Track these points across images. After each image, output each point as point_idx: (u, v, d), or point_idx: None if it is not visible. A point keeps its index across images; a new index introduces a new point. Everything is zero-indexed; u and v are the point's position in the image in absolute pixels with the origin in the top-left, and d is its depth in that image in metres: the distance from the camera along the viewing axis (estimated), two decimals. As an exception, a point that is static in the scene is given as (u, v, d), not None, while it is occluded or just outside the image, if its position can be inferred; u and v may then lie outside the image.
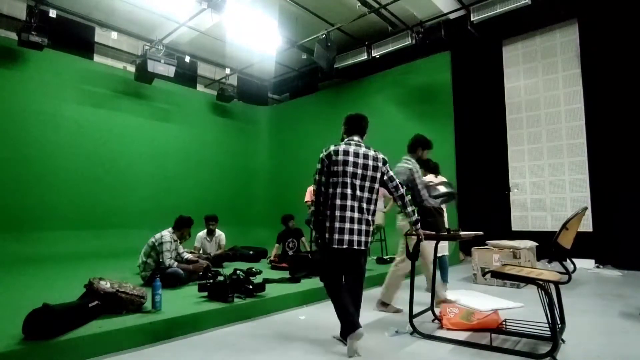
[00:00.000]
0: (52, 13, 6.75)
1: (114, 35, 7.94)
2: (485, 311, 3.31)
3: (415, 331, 2.92)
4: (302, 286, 4.22)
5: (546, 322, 2.42)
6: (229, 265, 5.98)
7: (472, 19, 6.63)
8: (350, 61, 8.32)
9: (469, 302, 3.85)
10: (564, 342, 2.66)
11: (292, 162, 10.10)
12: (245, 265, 5.12)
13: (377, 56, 7.91)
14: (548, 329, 2.44)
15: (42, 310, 2.42)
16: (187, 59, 8.61)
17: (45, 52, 6.97)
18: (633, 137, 5.94)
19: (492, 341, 2.68)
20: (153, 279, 3.28)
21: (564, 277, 2.52)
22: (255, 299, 3.56)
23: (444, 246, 4.66)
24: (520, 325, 2.86)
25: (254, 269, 3.96)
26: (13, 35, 6.85)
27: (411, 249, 3.05)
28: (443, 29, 6.80)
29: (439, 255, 4.32)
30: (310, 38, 7.70)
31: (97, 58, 8.27)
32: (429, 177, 4.67)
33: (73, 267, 6.04)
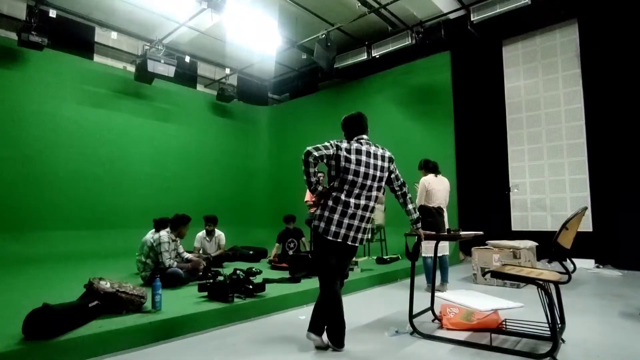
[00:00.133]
0: (52, 13, 6.75)
1: (114, 35, 7.94)
2: (485, 311, 3.31)
3: (415, 331, 2.92)
4: (302, 286, 4.22)
5: (546, 322, 2.42)
6: (229, 265, 5.98)
7: (472, 19, 6.63)
8: (350, 61, 8.32)
9: (469, 302, 3.85)
10: (564, 342, 2.66)
11: (292, 162, 10.06)
12: (245, 265, 5.13)
13: (377, 56, 7.91)
14: (548, 329, 2.44)
15: (42, 310, 2.42)
16: (187, 59, 8.61)
17: (45, 52, 6.97)
18: (633, 137, 5.94)
19: (492, 341, 2.68)
20: (153, 279, 3.28)
21: (564, 277, 2.52)
22: (255, 299, 3.56)
23: (444, 246, 4.68)
24: (520, 325, 2.86)
25: (254, 269, 3.96)
26: (13, 35, 6.85)
27: (411, 248, 3.04)
28: (443, 29, 6.80)
29: (439, 255, 4.33)
30: (310, 38, 7.70)
31: (97, 58, 8.27)
32: (429, 177, 4.67)
33: (73, 267, 6.05)
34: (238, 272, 3.70)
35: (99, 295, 2.91)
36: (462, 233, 3.31)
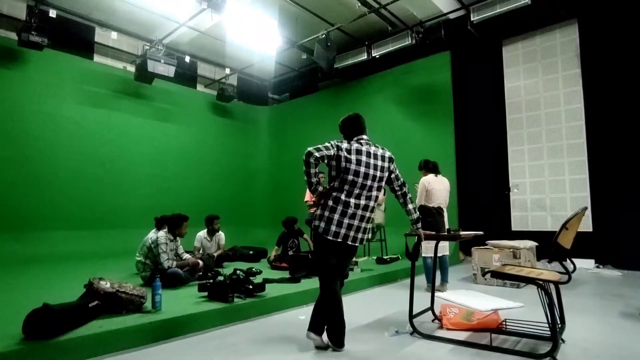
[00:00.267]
0: (52, 13, 6.75)
1: (114, 35, 7.94)
2: (485, 311, 3.31)
3: (415, 331, 2.92)
4: (302, 286, 4.22)
5: (546, 322, 2.42)
6: (229, 265, 5.98)
7: (472, 19, 6.63)
8: (350, 61, 8.32)
9: (469, 302, 3.85)
10: (564, 342, 2.66)
11: (292, 162, 10.09)
12: (245, 265, 5.13)
13: (377, 56, 7.91)
14: (548, 329, 2.44)
15: (42, 310, 2.42)
16: (187, 59, 8.61)
17: (45, 52, 6.97)
18: (633, 137, 5.94)
19: (492, 341, 2.68)
20: (153, 279, 3.28)
21: (564, 277, 2.52)
22: (255, 299, 3.56)
23: (444, 246, 4.68)
24: (520, 325, 2.86)
25: (254, 269, 3.97)
26: (13, 35, 6.85)
27: (411, 248, 3.04)
28: (443, 29, 6.80)
29: (439, 255, 4.33)
30: (310, 38, 7.70)
31: (97, 58, 8.26)
32: (429, 177, 4.68)
33: (73, 267, 6.05)
34: (238, 272, 3.70)
35: (99, 295, 2.91)
36: (462, 233, 3.31)
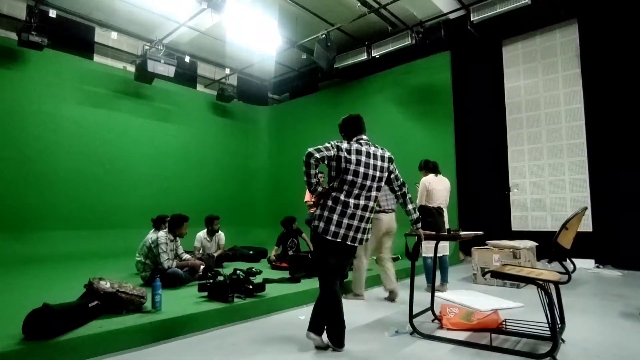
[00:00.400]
0: (52, 13, 6.75)
1: (114, 35, 7.94)
2: (486, 311, 3.31)
3: (415, 331, 2.92)
4: (302, 286, 4.22)
5: (546, 322, 2.42)
6: (229, 265, 5.98)
7: (472, 19, 6.63)
8: (350, 61, 8.32)
9: (470, 302, 3.85)
10: (564, 342, 2.66)
11: (292, 162, 10.09)
12: (245, 265, 5.13)
13: (377, 56, 7.91)
14: (548, 329, 2.44)
15: (42, 310, 2.42)
16: (187, 59, 8.61)
17: (45, 52, 6.97)
18: (633, 137, 5.94)
19: (492, 341, 2.68)
20: (153, 279, 3.28)
21: (564, 277, 2.52)
22: (255, 299, 3.56)
23: (444, 246, 4.68)
24: (520, 325, 2.86)
25: (254, 269, 3.96)
26: (13, 35, 6.85)
27: (411, 248, 3.04)
28: (443, 29, 6.80)
29: (439, 255, 4.33)
30: (310, 38, 7.70)
31: (97, 58, 8.26)
32: (429, 177, 4.67)
33: (73, 267, 6.05)
34: (238, 272, 3.70)
35: (99, 295, 2.91)
36: (462, 233, 3.31)
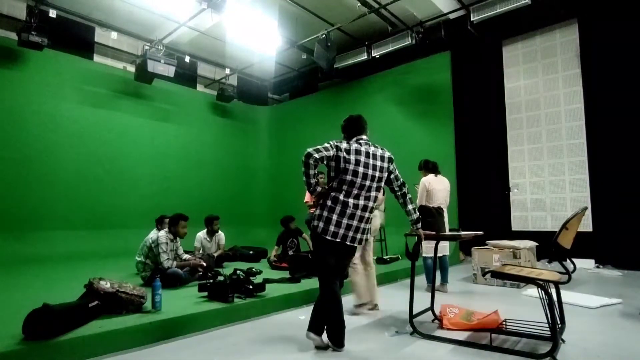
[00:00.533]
0: (52, 13, 6.75)
1: (114, 35, 7.93)
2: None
3: (415, 331, 2.92)
4: (302, 286, 4.22)
5: (546, 322, 2.42)
6: (229, 265, 5.98)
7: (472, 19, 6.63)
8: (350, 61, 8.32)
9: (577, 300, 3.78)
10: (564, 342, 2.66)
11: (292, 162, 10.06)
12: (245, 265, 5.13)
13: (377, 56, 7.91)
14: (548, 329, 2.44)
15: (42, 310, 2.42)
16: (187, 59, 8.60)
17: (45, 52, 6.97)
18: (633, 137, 5.94)
19: (492, 341, 2.68)
20: (153, 279, 3.28)
21: (564, 277, 2.52)
22: (255, 299, 3.56)
23: (444, 246, 4.67)
24: (520, 325, 2.86)
25: (254, 269, 3.96)
26: (13, 35, 6.84)
27: (411, 249, 3.04)
28: (443, 29, 6.81)
29: (439, 256, 4.33)
30: (310, 38, 7.70)
31: (97, 58, 8.27)
32: (429, 177, 4.67)
33: (73, 267, 6.05)
34: (238, 272, 3.70)
35: (99, 295, 2.91)
36: (462, 233, 3.31)
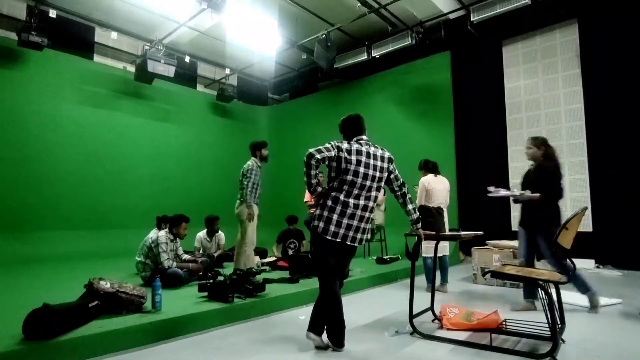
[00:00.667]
0: (52, 13, 6.75)
1: (114, 35, 7.93)
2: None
3: (415, 331, 2.92)
4: (302, 286, 4.21)
5: (546, 322, 2.42)
6: (229, 265, 5.97)
7: (472, 19, 6.63)
8: (350, 61, 8.32)
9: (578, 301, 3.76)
10: (564, 342, 2.66)
11: (292, 162, 10.06)
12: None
13: (377, 56, 7.91)
14: (548, 329, 2.44)
15: (42, 310, 2.42)
16: (187, 59, 8.61)
17: (45, 52, 6.97)
18: (633, 137, 5.93)
19: (492, 341, 2.68)
20: (153, 279, 3.28)
21: (564, 277, 2.52)
22: (255, 299, 3.56)
23: (444, 246, 4.67)
24: (520, 325, 2.86)
25: (254, 268, 3.96)
26: (13, 35, 6.85)
27: (411, 249, 3.04)
28: (443, 29, 6.81)
29: (439, 256, 4.33)
30: (310, 38, 7.70)
31: (97, 58, 8.27)
32: (429, 177, 4.67)
33: (73, 267, 6.05)
34: (238, 272, 3.70)
35: (99, 295, 2.91)
36: (462, 233, 3.31)
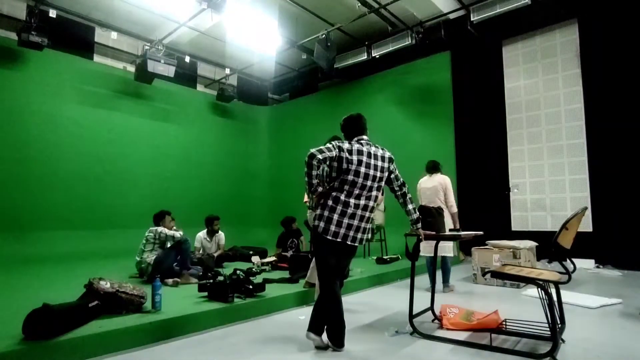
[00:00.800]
0: (52, 13, 6.75)
1: (114, 35, 7.94)
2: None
3: (415, 331, 2.92)
4: (302, 286, 4.21)
5: (546, 322, 2.42)
6: (229, 265, 5.98)
7: (472, 19, 6.63)
8: (350, 61, 8.32)
9: (577, 301, 3.77)
10: (564, 342, 2.66)
11: (292, 162, 10.08)
12: (245, 265, 5.13)
13: (377, 56, 7.91)
14: (548, 329, 2.44)
15: (42, 310, 2.42)
16: (187, 59, 8.61)
17: (45, 52, 6.97)
18: (633, 137, 5.94)
19: (492, 341, 2.67)
20: (153, 279, 3.28)
21: (564, 277, 2.51)
22: (255, 299, 3.56)
23: (447, 246, 4.61)
24: (520, 325, 2.86)
25: (254, 268, 3.97)
26: (13, 35, 6.85)
27: (411, 249, 3.04)
28: (443, 29, 6.81)
29: (441, 255, 4.34)
30: (310, 38, 7.70)
31: (97, 58, 8.27)
32: (423, 178, 4.67)
33: (73, 267, 6.05)
34: (238, 272, 3.70)
35: (99, 295, 2.91)
36: (462, 233, 3.31)
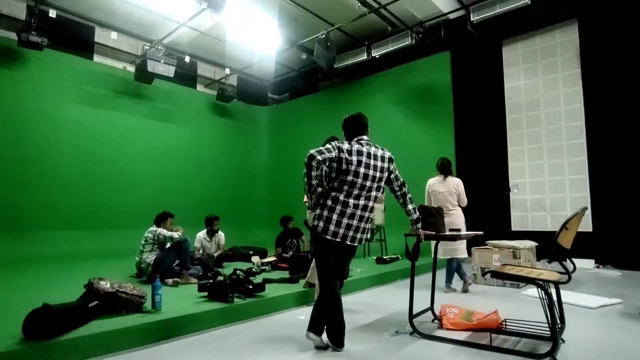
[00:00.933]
0: (52, 13, 6.75)
1: (114, 35, 7.93)
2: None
3: (415, 331, 2.92)
4: (302, 286, 4.21)
5: (546, 322, 2.42)
6: (229, 265, 5.98)
7: (472, 19, 6.62)
8: (350, 61, 8.32)
9: (578, 301, 3.77)
10: (564, 342, 2.66)
11: (292, 162, 10.09)
12: (245, 265, 5.13)
13: (377, 56, 7.91)
14: (548, 329, 2.44)
15: (42, 310, 2.42)
16: (187, 59, 8.60)
17: (45, 52, 6.97)
18: (633, 137, 5.94)
19: (492, 341, 2.68)
20: (153, 279, 3.28)
21: (564, 277, 2.51)
22: (255, 299, 3.56)
23: (460, 249, 4.51)
24: (520, 325, 2.86)
25: (254, 268, 3.97)
26: (13, 35, 6.84)
27: (411, 249, 3.04)
28: (443, 29, 6.81)
29: (451, 257, 4.32)
30: (310, 38, 7.70)
31: (97, 58, 8.27)
32: (433, 179, 4.65)
33: (73, 267, 6.05)
34: (238, 272, 3.70)
35: (99, 295, 2.91)
36: (462, 233, 3.31)
